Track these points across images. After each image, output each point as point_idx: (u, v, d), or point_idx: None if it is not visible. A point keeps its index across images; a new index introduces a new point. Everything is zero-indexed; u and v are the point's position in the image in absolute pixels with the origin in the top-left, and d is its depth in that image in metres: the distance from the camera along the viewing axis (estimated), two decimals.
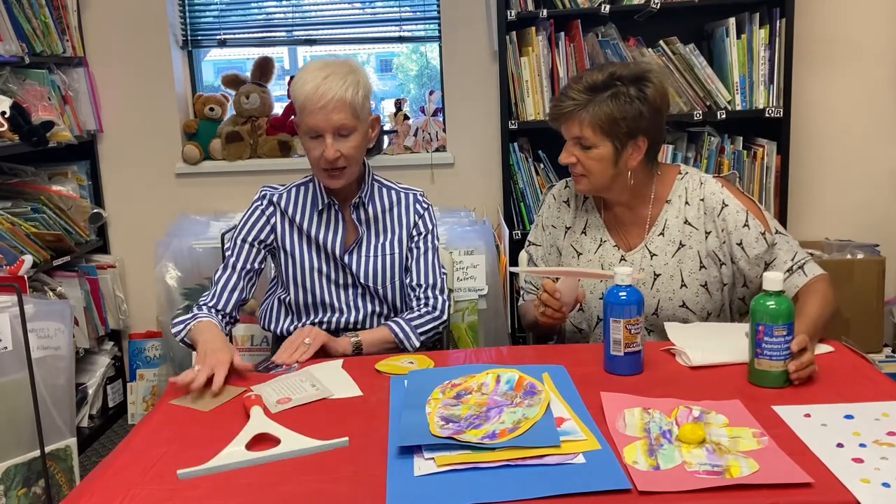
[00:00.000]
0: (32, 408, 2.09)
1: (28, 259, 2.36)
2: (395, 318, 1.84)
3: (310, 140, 1.74)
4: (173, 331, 1.78)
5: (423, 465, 1.13)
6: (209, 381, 1.46)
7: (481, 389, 1.36)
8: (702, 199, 1.74)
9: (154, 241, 2.98)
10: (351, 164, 1.77)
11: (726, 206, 1.72)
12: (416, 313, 1.85)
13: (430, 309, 1.86)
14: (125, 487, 1.13)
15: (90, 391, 3.04)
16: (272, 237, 1.86)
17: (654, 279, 1.75)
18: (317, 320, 1.86)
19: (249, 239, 1.86)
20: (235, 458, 1.19)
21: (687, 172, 1.79)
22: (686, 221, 1.75)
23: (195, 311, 1.81)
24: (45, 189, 2.83)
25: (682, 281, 1.73)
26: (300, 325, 1.86)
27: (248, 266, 1.85)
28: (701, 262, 1.73)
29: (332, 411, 1.37)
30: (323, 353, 1.71)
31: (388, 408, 1.36)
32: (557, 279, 1.66)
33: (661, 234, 1.76)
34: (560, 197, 1.89)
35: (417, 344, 1.81)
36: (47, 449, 2.15)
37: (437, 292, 1.88)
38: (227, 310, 1.82)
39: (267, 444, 1.24)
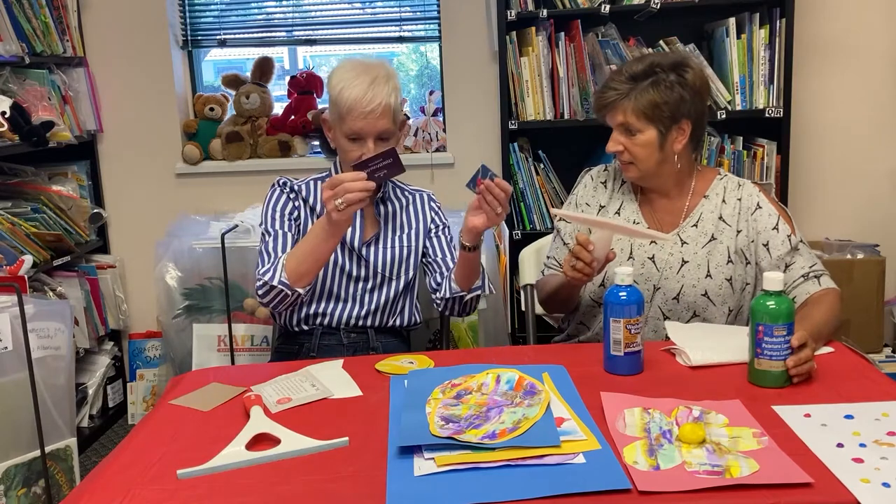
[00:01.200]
0: (32, 408, 2.09)
1: (28, 259, 2.36)
2: None
3: (349, 142, 1.78)
4: (265, 279, 1.72)
5: (423, 465, 1.13)
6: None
7: (481, 389, 1.36)
8: (739, 199, 1.79)
9: (154, 241, 2.98)
10: None
11: (760, 207, 1.77)
12: None
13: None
14: (125, 487, 1.13)
15: (90, 391, 3.04)
16: (299, 221, 1.88)
17: (682, 265, 1.77)
18: (320, 311, 1.87)
19: (286, 213, 1.86)
20: (235, 458, 1.19)
21: (727, 175, 1.85)
22: (721, 218, 1.79)
23: (264, 270, 1.76)
24: (45, 189, 2.83)
25: (709, 271, 1.76)
26: (302, 316, 1.87)
27: (292, 233, 1.85)
28: (729, 257, 1.76)
29: (332, 411, 1.37)
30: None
31: (388, 408, 1.36)
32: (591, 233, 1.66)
33: (695, 225, 1.79)
34: (598, 178, 1.93)
35: (493, 290, 1.88)
36: (47, 449, 2.15)
37: None
38: None
39: (267, 444, 1.24)
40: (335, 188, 1.60)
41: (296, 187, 1.90)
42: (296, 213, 1.88)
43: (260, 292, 1.77)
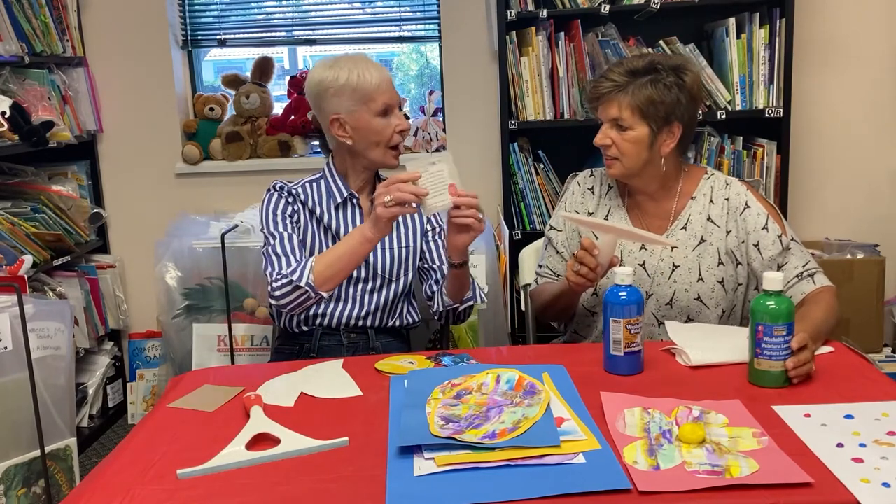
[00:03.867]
0: (32, 408, 2.09)
1: (28, 259, 2.36)
2: None
3: (380, 119, 1.82)
4: (291, 278, 1.71)
5: (423, 465, 1.13)
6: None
7: (481, 389, 1.36)
8: (726, 199, 1.78)
9: (154, 241, 2.98)
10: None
11: (749, 207, 1.75)
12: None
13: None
14: (125, 487, 1.13)
15: (90, 391, 3.04)
16: (299, 223, 1.88)
17: (673, 270, 1.76)
18: (320, 312, 1.87)
19: (285, 215, 1.85)
20: (235, 458, 1.19)
21: (713, 174, 1.83)
22: (709, 218, 1.77)
23: (282, 280, 1.74)
24: (45, 189, 2.83)
25: (700, 275, 1.75)
26: (302, 317, 1.87)
27: (295, 234, 1.84)
28: (720, 259, 1.75)
29: (332, 411, 1.37)
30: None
31: (388, 408, 1.36)
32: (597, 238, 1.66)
33: (684, 227, 1.78)
34: (585, 184, 1.91)
35: (484, 299, 1.91)
36: (47, 449, 2.15)
37: None
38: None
39: (267, 444, 1.24)
40: (389, 186, 1.62)
41: (293, 191, 1.89)
42: (296, 216, 1.87)
43: (278, 293, 1.74)
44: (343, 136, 1.84)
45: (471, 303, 1.87)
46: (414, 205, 1.61)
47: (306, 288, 1.72)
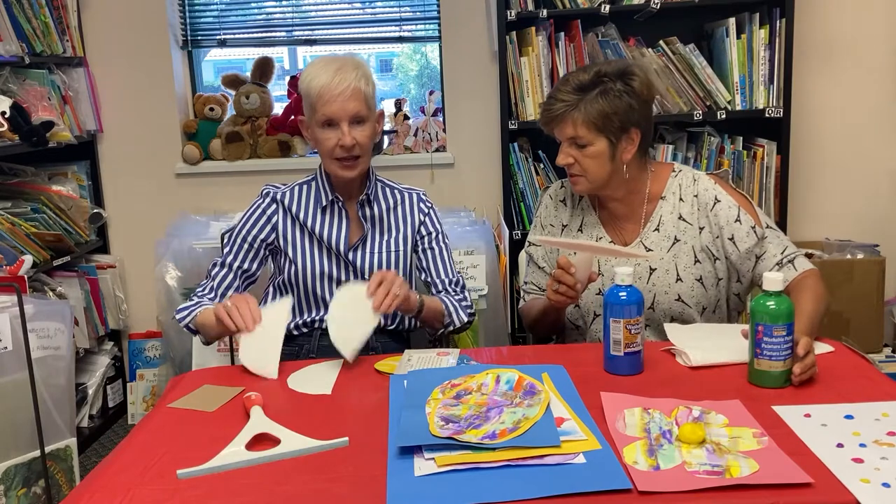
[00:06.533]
0: (32, 408, 2.09)
1: (28, 259, 2.36)
2: (439, 295, 1.87)
3: (324, 130, 1.76)
4: (178, 317, 1.79)
5: (424, 465, 1.13)
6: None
7: (481, 389, 1.36)
8: (695, 196, 1.77)
9: (154, 241, 2.98)
10: (364, 154, 1.80)
11: (718, 201, 1.74)
12: (457, 298, 1.90)
13: (462, 297, 1.91)
14: (125, 487, 1.13)
15: (90, 391, 3.04)
16: (273, 236, 1.86)
17: (650, 273, 1.76)
18: (317, 318, 1.86)
19: (249, 238, 1.86)
20: (235, 458, 1.19)
21: (680, 170, 1.82)
22: (680, 217, 1.77)
23: (196, 299, 1.83)
24: (45, 189, 2.83)
25: (678, 275, 1.75)
26: (300, 322, 1.87)
27: (245, 266, 1.86)
28: (695, 257, 1.75)
29: (332, 411, 1.37)
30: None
31: (388, 408, 1.36)
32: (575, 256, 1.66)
33: (657, 229, 1.78)
34: (557, 196, 1.91)
35: (465, 319, 1.87)
36: (47, 449, 2.15)
37: (462, 290, 1.93)
38: None
39: (267, 444, 1.24)
40: (237, 302, 1.62)
41: (278, 196, 1.87)
42: (265, 233, 1.85)
43: (177, 316, 1.82)
44: (308, 139, 1.85)
45: (451, 327, 1.87)
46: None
47: (185, 329, 1.80)
